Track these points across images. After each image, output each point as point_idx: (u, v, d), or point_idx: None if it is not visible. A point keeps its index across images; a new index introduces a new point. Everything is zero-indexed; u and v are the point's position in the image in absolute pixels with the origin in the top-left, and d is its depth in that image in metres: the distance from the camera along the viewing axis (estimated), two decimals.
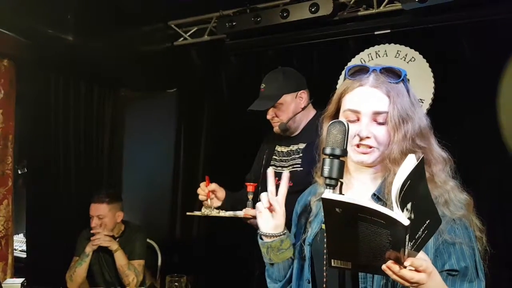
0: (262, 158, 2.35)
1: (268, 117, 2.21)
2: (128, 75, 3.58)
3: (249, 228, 2.22)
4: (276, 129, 2.22)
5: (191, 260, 3.46)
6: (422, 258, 0.92)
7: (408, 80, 1.19)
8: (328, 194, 0.91)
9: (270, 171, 1.34)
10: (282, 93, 2.17)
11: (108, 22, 3.04)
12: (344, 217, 0.89)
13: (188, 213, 2.19)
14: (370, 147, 1.14)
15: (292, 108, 2.18)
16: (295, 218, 1.39)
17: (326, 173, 1.06)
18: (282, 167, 2.21)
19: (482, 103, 2.53)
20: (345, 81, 1.21)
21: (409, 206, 0.89)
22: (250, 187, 2.02)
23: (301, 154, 2.14)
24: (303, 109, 2.21)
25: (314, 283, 1.24)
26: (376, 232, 0.87)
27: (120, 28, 3.19)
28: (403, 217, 0.85)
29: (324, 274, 1.18)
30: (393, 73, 1.16)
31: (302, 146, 2.16)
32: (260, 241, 1.28)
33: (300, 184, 1.93)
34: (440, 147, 1.18)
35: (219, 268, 3.29)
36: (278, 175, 2.09)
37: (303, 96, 2.22)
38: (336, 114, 1.22)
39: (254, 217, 1.89)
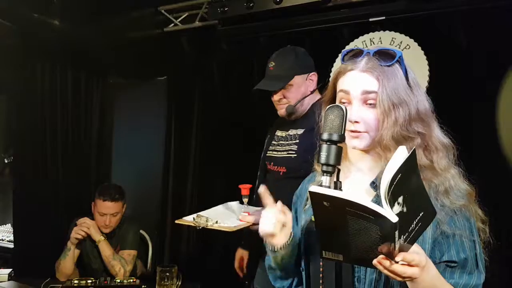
0: (264, 144, 2.28)
1: (275, 98, 2.08)
2: (117, 62, 3.52)
3: None
4: (282, 111, 2.09)
5: (183, 250, 3.44)
6: (415, 252, 0.90)
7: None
8: (315, 188, 0.87)
9: (262, 191, 1.22)
10: (293, 74, 2.04)
11: (96, 6, 2.95)
12: (333, 211, 0.86)
13: (177, 221, 1.92)
14: (360, 132, 1.11)
15: (302, 90, 2.07)
16: (293, 207, 1.36)
17: (323, 159, 1.02)
18: (277, 151, 2.14)
19: (478, 91, 2.51)
20: (340, 65, 1.18)
21: (400, 199, 0.86)
22: (245, 190, 1.92)
23: (297, 140, 2.06)
24: (311, 92, 2.10)
25: (308, 271, 1.21)
26: (365, 226, 0.85)
27: (109, 13, 3.12)
28: (391, 214, 0.83)
29: (321, 264, 1.15)
30: (386, 56, 1.12)
31: (300, 131, 2.08)
32: (272, 253, 1.20)
33: (293, 171, 1.98)
34: (442, 133, 1.14)
35: (210, 259, 3.27)
36: (272, 160, 2.13)
37: (313, 78, 2.12)
38: (333, 99, 1.19)
39: (254, 224, 1.79)
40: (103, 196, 2.66)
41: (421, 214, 0.89)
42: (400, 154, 0.90)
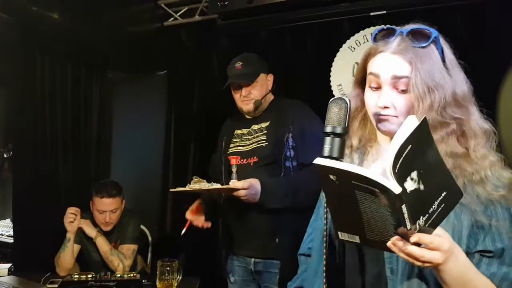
0: (221, 145, 2.44)
1: (244, 93, 2.29)
2: (116, 56, 3.49)
3: None
4: (249, 106, 2.29)
5: (183, 245, 3.43)
6: (437, 234, 0.84)
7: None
8: (320, 159, 0.84)
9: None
10: (259, 72, 2.30)
11: (96, 0, 2.94)
12: (341, 185, 0.83)
13: (171, 190, 2.22)
14: (390, 116, 1.05)
15: (264, 88, 2.32)
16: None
17: (326, 152, 1.01)
18: (243, 146, 2.31)
19: (480, 86, 2.49)
20: (371, 45, 1.10)
21: (414, 175, 0.80)
22: (233, 160, 2.13)
23: (265, 131, 2.26)
24: (269, 91, 2.35)
25: (334, 257, 1.15)
26: (375, 202, 0.80)
27: (109, 7, 3.09)
28: (394, 185, 0.77)
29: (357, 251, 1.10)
30: (421, 35, 1.04)
31: (265, 124, 2.28)
32: None
33: (265, 158, 2.20)
34: (482, 117, 1.06)
35: (211, 254, 3.26)
36: (239, 154, 2.27)
37: (271, 79, 2.36)
38: (363, 81, 1.13)
39: (241, 189, 2.00)
40: (100, 193, 2.65)
41: (443, 194, 0.83)
42: (409, 124, 0.83)
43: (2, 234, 3.74)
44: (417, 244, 0.83)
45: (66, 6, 2.72)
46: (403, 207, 0.78)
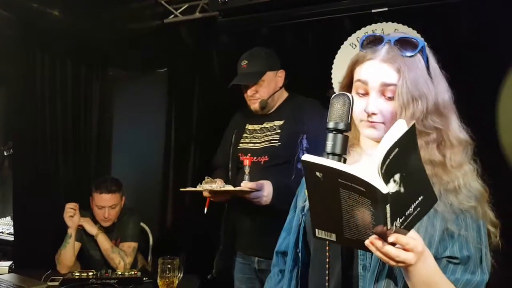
0: (231, 138, 2.39)
1: (249, 93, 2.26)
2: (116, 54, 3.48)
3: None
4: (255, 106, 2.27)
5: (183, 243, 3.42)
6: (411, 237, 0.87)
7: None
8: (308, 156, 0.84)
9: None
10: (265, 70, 2.25)
11: None
12: (325, 182, 0.83)
13: (182, 189, 2.18)
14: (377, 123, 1.08)
15: (272, 86, 2.26)
16: (298, 193, 1.36)
17: (329, 148, 1.01)
18: (254, 143, 2.27)
19: (481, 84, 2.48)
20: (358, 52, 1.13)
21: (397, 177, 0.82)
22: (246, 161, 2.08)
23: (278, 130, 2.22)
24: (280, 88, 2.30)
25: (308, 255, 1.21)
26: (358, 201, 0.82)
27: (109, 5, 3.08)
28: (382, 185, 0.79)
29: (327, 247, 1.13)
30: (408, 45, 1.07)
31: (279, 123, 2.24)
32: None
33: (275, 158, 2.16)
34: (460, 127, 1.09)
35: (211, 252, 3.26)
36: (250, 151, 2.23)
37: (281, 75, 2.31)
38: (349, 87, 1.15)
39: (254, 190, 1.96)
40: (100, 189, 2.65)
41: (420, 199, 0.85)
42: (399, 127, 0.86)
43: (2, 232, 3.74)
44: (393, 244, 0.86)
45: (66, 4, 2.71)
46: (387, 207, 0.80)
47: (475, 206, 1.03)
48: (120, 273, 2.44)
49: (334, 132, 1.02)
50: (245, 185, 1.99)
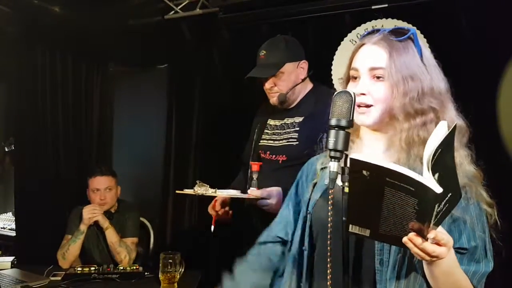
0: (253, 133, 2.26)
1: (267, 86, 2.10)
2: (117, 50, 3.49)
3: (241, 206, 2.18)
4: (273, 100, 2.10)
5: (184, 238, 3.44)
6: (442, 232, 0.89)
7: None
8: (357, 155, 0.86)
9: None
10: (284, 61, 2.06)
11: None
12: (371, 181, 0.85)
13: (177, 192, 2.04)
14: (367, 106, 1.12)
15: (292, 78, 2.08)
16: (300, 184, 1.37)
17: (331, 145, 1.03)
18: (274, 140, 2.13)
19: (481, 79, 2.49)
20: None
21: (436, 176, 0.85)
22: (255, 167, 1.96)
23: (297, 128, 2.06)
24: (302, 80, 2.12)
25: (312, 252, 1.22)
26: (402, 200, 0.83)
27: (109, 1, 3.08)
28: (435, 185, 0.81)
29: (328, 242, 1.14)
30: (400, 32, 1.15)
31: (299, 119, 2.08)
32: None
33: (294, 158, 1.95)
34: (457, 114, 1.13)
35: (212, 247, 3.28)
36: (269, 149, 2.11)
37: (304, 66, 2.14)
38: (349, 77, 1.20)
39: (260, 198, 1.85)
40: (94, 173, 2.73)
41: (449, 195, 0.87)
42: (441, 129, 0.90)
43: (4, 228, 3.75)
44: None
45: (67, 0, 2.71)
46: (437, 206, 0.82)
47: (469, 184, 1.07)
48: (122, 268, 2.46)
49: (336, 129, 1.04)
50: (252, 192, 1.88)
